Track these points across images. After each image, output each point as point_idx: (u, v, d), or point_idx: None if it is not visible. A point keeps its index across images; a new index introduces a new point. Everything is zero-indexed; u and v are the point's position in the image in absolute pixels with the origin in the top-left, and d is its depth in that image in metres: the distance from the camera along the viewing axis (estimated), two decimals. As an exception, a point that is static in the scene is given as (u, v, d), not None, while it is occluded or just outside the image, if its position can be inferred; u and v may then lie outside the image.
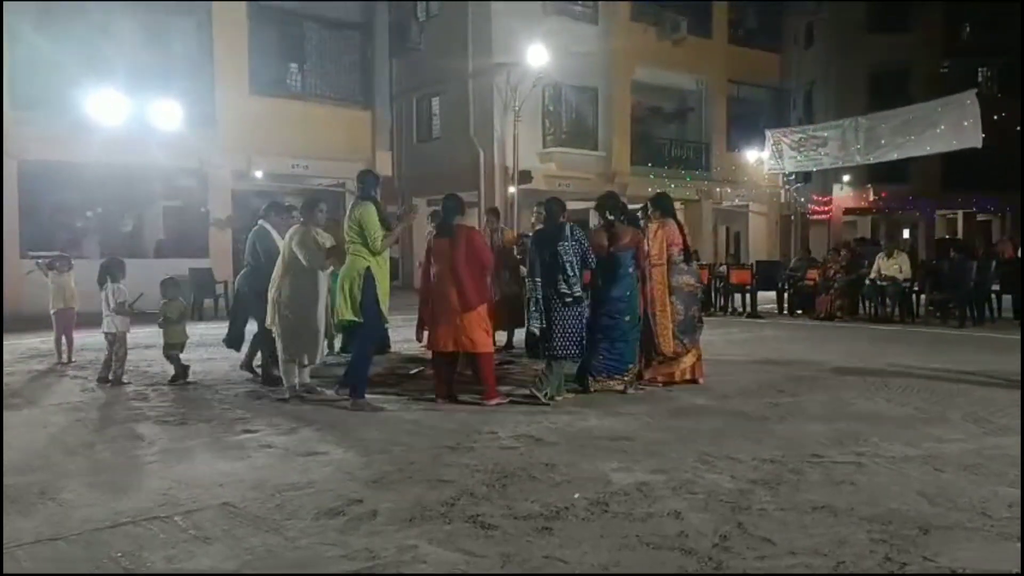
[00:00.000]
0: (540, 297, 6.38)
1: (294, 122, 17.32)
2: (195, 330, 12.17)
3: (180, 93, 15.59)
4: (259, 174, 17.55)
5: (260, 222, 7.56)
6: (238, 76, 16.70)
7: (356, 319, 6.14)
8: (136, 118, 14.90)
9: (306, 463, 4.62)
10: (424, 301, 6.91)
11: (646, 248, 6.98)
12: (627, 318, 6.69)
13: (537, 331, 6.44)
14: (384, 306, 6.25)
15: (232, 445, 5.09)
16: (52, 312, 8.90)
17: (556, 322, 6.36)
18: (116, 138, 14.56)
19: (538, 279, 6.40)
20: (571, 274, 6.28)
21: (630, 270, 6.73)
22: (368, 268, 6.11)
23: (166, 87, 15.49)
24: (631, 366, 6.79)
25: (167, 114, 15.23)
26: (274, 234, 7.32)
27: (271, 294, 6.55)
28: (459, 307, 6.22)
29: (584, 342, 6.48)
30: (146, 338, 10.90)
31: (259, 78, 17.29)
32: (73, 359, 8.90)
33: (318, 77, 18.35)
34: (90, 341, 10.36)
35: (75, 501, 3.94)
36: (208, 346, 9.81)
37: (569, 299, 6.31)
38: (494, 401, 6.26)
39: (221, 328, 9.38)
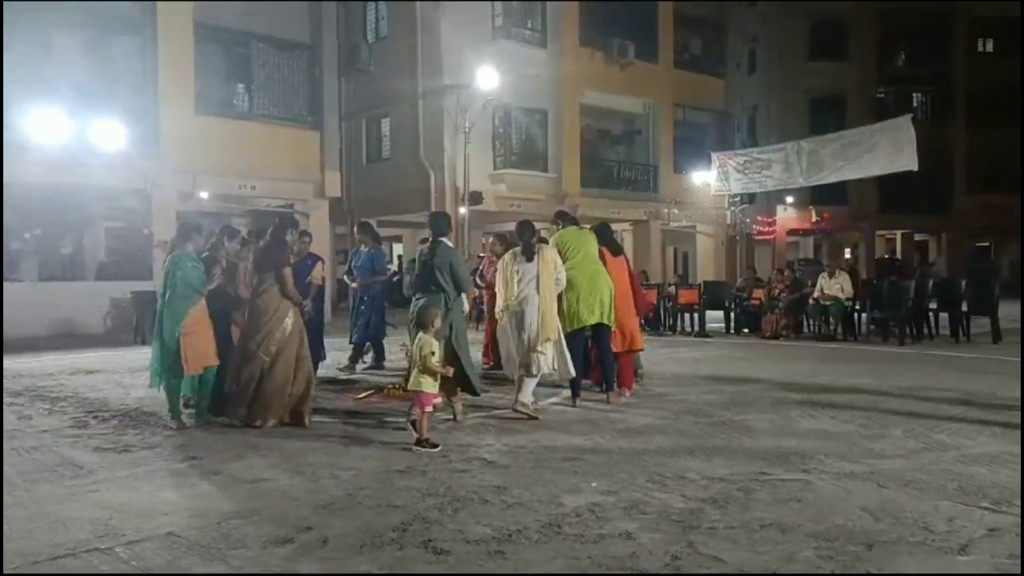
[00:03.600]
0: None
1: (241, 142, 17.10)
2: (138, 354, 11.92)
3: (124, 113, 15.25)
4: (205, 195, 17.26)
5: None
6: (184, 96, 16.43)
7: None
8: (78, 138, 14.53)
9: (253, 490, 4.53)
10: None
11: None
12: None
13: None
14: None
15: (176, 473, 4.96)
16: None
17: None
18: (56, 158, 14.19)
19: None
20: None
21: None
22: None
23: (109, 106, 15.15)
24: None
25: (110, 134, 14.87)
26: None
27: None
28: None
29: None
30: (87, 363, 10.63)
31: (205, 98, 17.04)
32: None
33: (266, 97, 18.15)
34: (27, 367, 10.05)
35: (11, 534, 3.78)
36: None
37: None
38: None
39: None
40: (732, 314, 15.33)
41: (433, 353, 5.60)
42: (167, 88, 16.24)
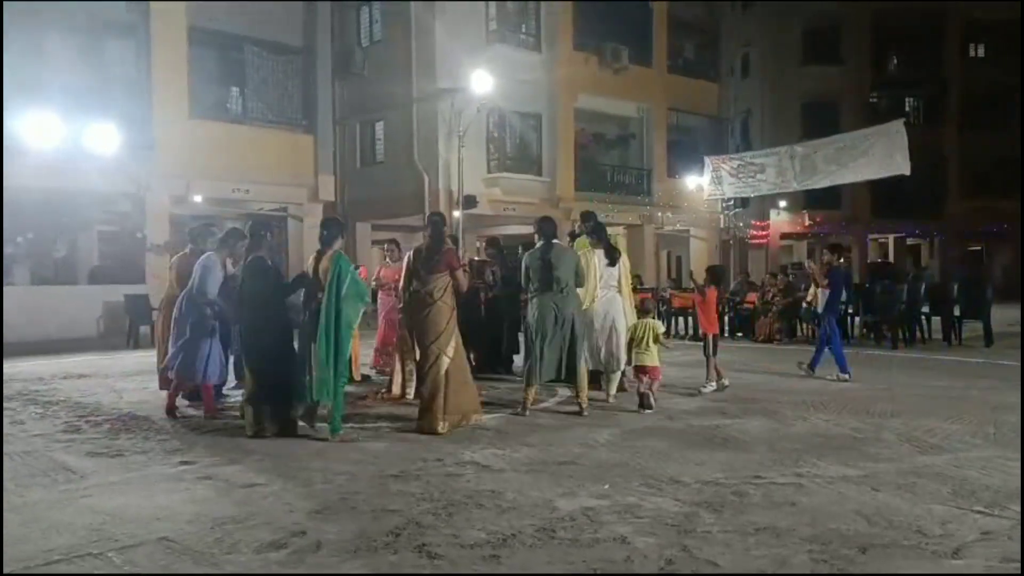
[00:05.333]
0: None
1: (235, 146, 17.08)
2: (131, 358, 11.89)
3: (117, 116, 15.22)
4: (198, 199, 17.23)
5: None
6: (178, 100, 16.40)
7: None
8: (71, 141, 14.49)
9: (247, 494, 4.52)
10: None
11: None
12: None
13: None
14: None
15: (170, 477, 4.95)
16: None
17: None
18: (50, 162, 14.14)
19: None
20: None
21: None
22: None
23: (103, 110, 15.11)
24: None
25: (104, 138, 14.84)
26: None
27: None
28: None
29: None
30: (79, 367, 10.59)
31: (199, 102, 17.02)
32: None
33: (260, 101, 18.12)
34: (19, 371, 10.01)
35: (4, 539, 3.77)
36: (145, 374, 9.54)
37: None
38: None
39: (156, 356, 9.13)
40: (725, 318, 15.35)
41: (663, 332, 7.43)
42: (161, 92, 16.21)
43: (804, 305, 13.75)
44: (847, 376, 8.87)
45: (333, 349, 5.85)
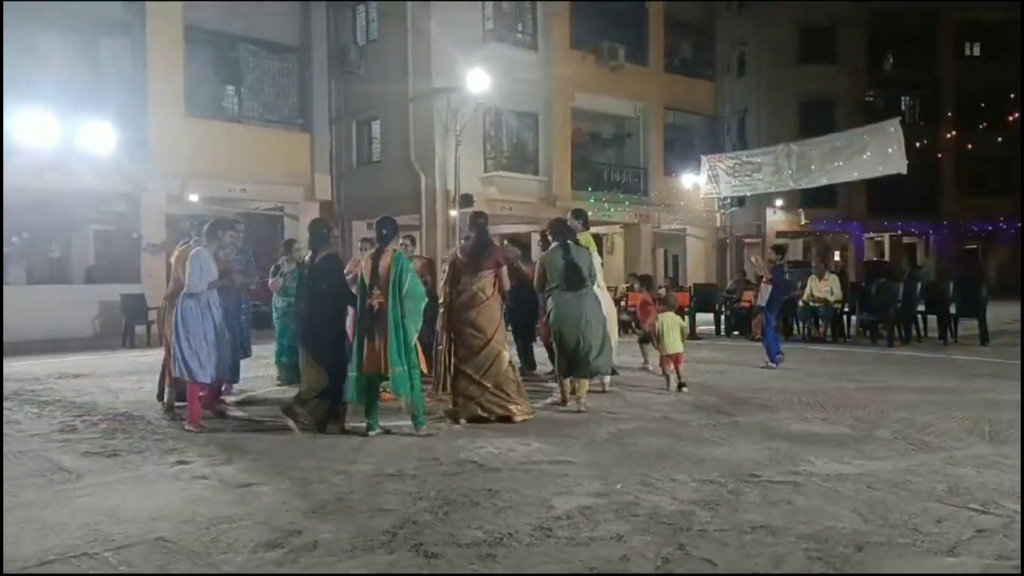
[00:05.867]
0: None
1: (231, 145, 17.06)
2: (127, 357, 11.87)
3: (112, 115, 15.19)
4: (194, 198, 17.20)
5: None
6: (173, 98, 16.38)
7: None
8: (66, 141, 14.45)
9: (242, 494, 4.51)
10: None
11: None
12: None
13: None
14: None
15: (165, 477, 4.94)
16: None
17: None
18: (44, 161, 14.10)
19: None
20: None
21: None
22: None
23: (98, 109, 15.09)
24: None
25: (99, 137, 14.80)
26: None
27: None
28: None
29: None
30: (75, 367, 10.58)
31: (195, 101, 17.00)
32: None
33: (256, 100, 18.10)
34: (15, 371, 9.99)
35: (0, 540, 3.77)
36: (140, 374, 9.53)
37: None
38: None
39: (152, 355, 9.15)
40: (722, 316, 15.37)
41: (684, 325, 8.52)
42: (156, 90, 16.19)
43: (799, 303, 13.78)
44: (775, 364, 9.88)
45: (403, 345, 5.98)
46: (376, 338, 5.98)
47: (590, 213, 11.16)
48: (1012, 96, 31.40)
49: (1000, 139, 31.42)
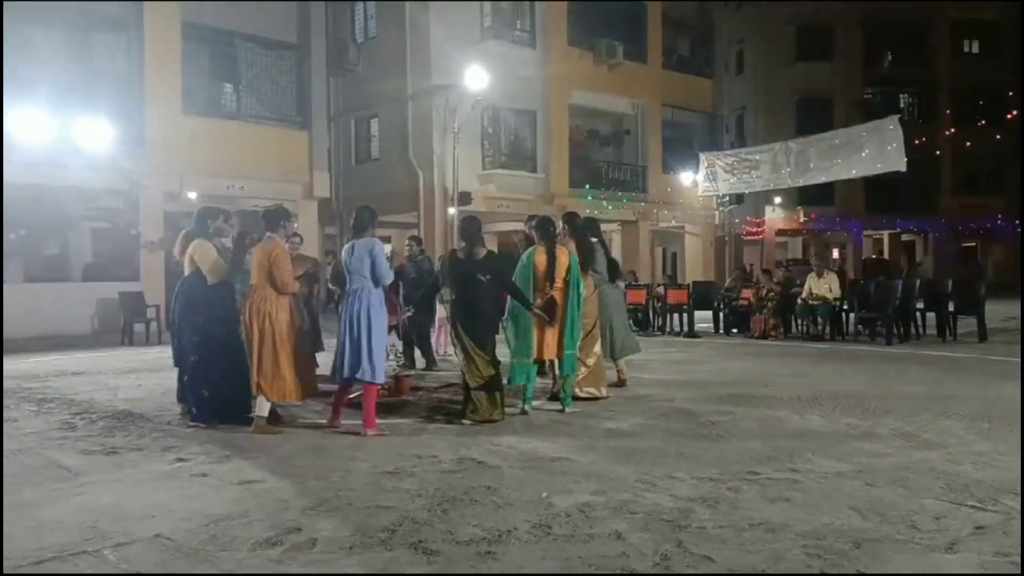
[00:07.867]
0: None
1: (229, 142, 17.02)
2: (125, 355, 11.86)
3: (109, 112, 15.14)
4: (192, 195, 17.16)
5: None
6: (171, 95, 16.33)
7: None
8: (62, 137, 14.41)
9: (241, 492, 4.51)
10: None
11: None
12: None
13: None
14: None
15: (164, 475, 4.94)
16: None
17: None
18: (40, 158, 14.06)
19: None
20: None
21: None
22: None
23: (94, 106, 15.04)
24: None
25: (95, 134, 14.75)
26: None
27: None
28: None
29: None
30: (73, 365, 10.57)
31: (193, 98, 16.96)
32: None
33: (254, 97, 18.05)
34: (13, 369, 9.97)
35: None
36: (139, 372, 9.52)
37: None
38: None
39: (151, 353, 9.14)
40: (721, 314, 15.37)
41: None
42: (153, 87, 16.14)
43: (799, 301, 13.79)
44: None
45: (575, 332, 6.73)
46: (551, 327, 6.66)
47: (588, 211, 11.15)
48: (1011, 94, 31.37)
49: (998, 137, 31.40)
